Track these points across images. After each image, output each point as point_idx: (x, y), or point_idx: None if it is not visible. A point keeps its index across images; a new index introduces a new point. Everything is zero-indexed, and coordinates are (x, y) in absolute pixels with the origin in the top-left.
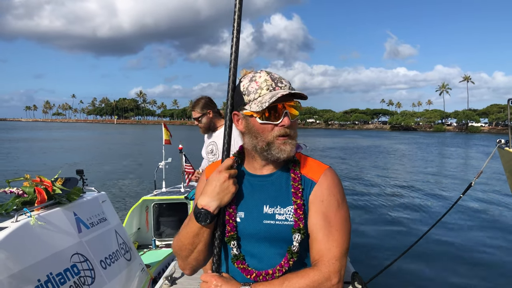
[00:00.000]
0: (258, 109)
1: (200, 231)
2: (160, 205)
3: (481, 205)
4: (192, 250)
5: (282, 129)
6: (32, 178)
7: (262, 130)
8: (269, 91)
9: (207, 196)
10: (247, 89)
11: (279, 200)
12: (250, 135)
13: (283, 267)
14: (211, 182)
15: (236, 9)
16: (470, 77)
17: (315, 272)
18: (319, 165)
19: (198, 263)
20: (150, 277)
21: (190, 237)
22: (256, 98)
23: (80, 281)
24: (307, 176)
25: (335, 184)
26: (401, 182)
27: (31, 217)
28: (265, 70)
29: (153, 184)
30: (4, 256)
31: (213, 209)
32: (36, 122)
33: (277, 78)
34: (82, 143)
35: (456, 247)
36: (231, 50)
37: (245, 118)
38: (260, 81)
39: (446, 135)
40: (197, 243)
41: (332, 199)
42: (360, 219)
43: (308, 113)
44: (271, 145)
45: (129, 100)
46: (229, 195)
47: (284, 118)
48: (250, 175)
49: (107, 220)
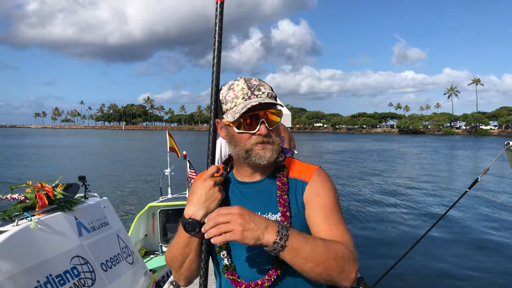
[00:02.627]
0: (232, 119)
1: (189, 241)
2: (166, 211)
3: (488, 204)
4: (184, 260)
5: (259, 138)
6: (34, 184)
7: (239, 139)
8: (244, 100)
9: (193, 205)
10: (225, 98)
11: (269, 206)
12: (230, 143)
13: (271, 276)
14: (196, 191)
15: (217, 13)
16: (479, 80)
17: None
18: (309, 167)
19: (191, 273)
20: (153, 281)
21: (180, 247)
22: (232, 107)
23: (80, 282)
24: (297, 178)
25: (328, 180)
26: (409, 183)
27: (31, 221)
28: (244, 77)
29: (159, 191)
30: (4, 259)
31: (200, 218)
32: (45, 128)
33: (255, 86)
34: (90, 150)
35: (462, 245)
36: (213, 54)
37: (225, 127)
38: (237, 89)
39: (455, 138)
40: (188, 253)
41: (330, 193)
42: (362, 222)
43: (316, 117)
44: (249, 152)
45: (137, 106)
46: (215, 202)
47: (261, 126)
48: (239, 182)
49: (109, 225)
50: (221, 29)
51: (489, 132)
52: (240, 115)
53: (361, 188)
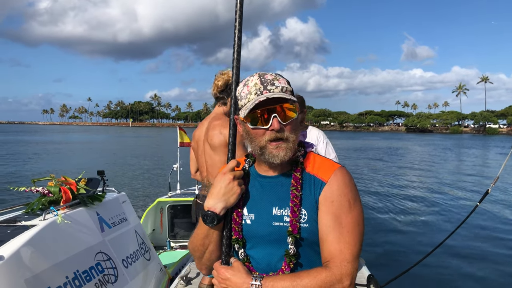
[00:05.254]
0: (243, 115)
1: (209, 233)
2: (175, 206)
3: (501, 209)
4: (204, 251)
5: (272, 133)
6: (57, 178)
7: (254, 135)
8: (256, 95)
9: (213, 198)
10: (240, 94)
11: (287, 201)
12: (248, 140)
13: (285, 272)
14: (216, 184)
15: (237, 8)
16: (488, 78)
17: (327, 273)
18: (330, 165)
19: (212, 263)
20: (168, 277)
21: (200, 238)
22: (246, 103)
23: (104, 279)
24: (317, 176)
25: (346, 184)
26: (424, 184)
27: (58, 215)
28: (259, 72)
29: (167, 186)
30: (35, 253)
31: (219, 211)
32: (53, 125)
33: (268, 81)
34: (99, 146)
35: (479, 254)
36: (233, 49)
37: (242, 123)
38: (251, 85)
39: (464, 137)
40: (208, 244)
41: (343, 200)
42: (377, 221)
43: (323, 115)
44: (263, 150)
45: (144, 103)
46: (234, 196)
47: (273, 121)
48: (260, 176)
49: (127, 220)
50: (241, 24)
51: (498, 131)
52: (249, 110)
53: (379, 187)
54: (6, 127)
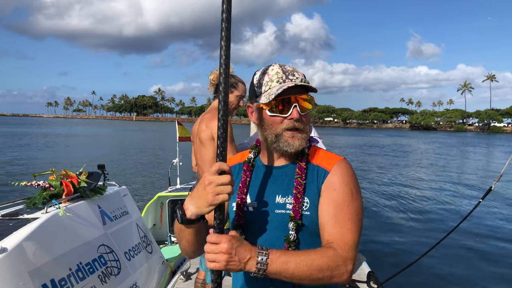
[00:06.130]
0: (266, 101)
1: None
2: (175, 201)
3: (504, 206)
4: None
5: (291, 122)
6: (58, 172)
7: (271, 122)
8: (278, 83)
9: (189, 198)
10: (259, 82)
11: (291, 189)
12: (261, 127)
13: None
14: (198, 185)
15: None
16: (494, 76)
17: (334, 251)
18: (334, 156)
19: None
20: (170, 270)
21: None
22: (266, 90)
23: (107, 271)
24: (320, 166)
25: (349, 174)
26: (427, 180)
27: (60, 208)
28: (278, 63)
29: (167, 181)
30: (38, 245)
31: (189, 214)
32: (57, 118)
33: (289, 71)
34: (102, 139)
35: (479, 251)
36: (220, 44)
37: (257, 110)
38: (272, 73)
39: (468, 135)
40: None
41: (346, 188)
42: (378, 217)
43: (326, 112)
44: (279, 137)
45: (148, 97)
46: (205, 204)
47: (293, 110)
48: (264, 166)
49: (129, 214)
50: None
51: (503, 129)
52: (276, 95)
53: (381, 183)
54: (11, 119)
